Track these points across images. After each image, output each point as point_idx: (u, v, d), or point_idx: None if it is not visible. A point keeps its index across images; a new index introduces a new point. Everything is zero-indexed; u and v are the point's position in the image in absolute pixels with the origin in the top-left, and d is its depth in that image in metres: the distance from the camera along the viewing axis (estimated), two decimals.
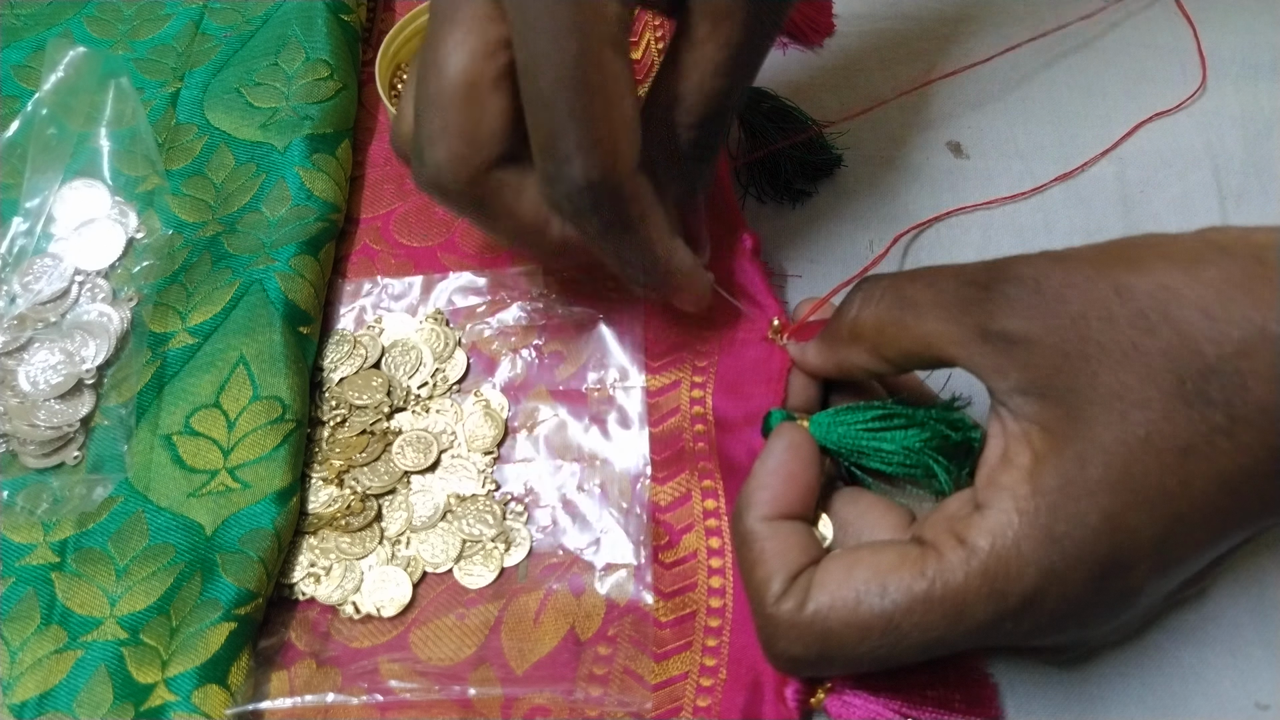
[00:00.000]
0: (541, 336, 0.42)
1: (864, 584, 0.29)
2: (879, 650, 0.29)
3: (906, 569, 0.29)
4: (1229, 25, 0.53)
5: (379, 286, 0.44)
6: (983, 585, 0.28)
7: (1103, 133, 0.49)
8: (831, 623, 0.29)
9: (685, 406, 0.39)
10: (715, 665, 0.34)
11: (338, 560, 0.37)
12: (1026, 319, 0.29)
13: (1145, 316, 0.28)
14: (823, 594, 0.29)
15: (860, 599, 0.29)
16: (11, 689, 0.33)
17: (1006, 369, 0.29)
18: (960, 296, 0.30)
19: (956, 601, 0.28)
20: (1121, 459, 0.27)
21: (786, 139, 0.47)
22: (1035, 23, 0.54)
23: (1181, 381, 0.27)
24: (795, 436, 0.34)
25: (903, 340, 0.31)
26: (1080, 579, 0.27)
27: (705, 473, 0.38)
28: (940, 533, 0.29)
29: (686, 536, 0.37)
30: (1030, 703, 0.35)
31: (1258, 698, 0.35)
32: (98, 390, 0.40)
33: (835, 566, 0.30)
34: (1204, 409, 0.27)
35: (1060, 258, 0.30)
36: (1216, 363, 0.27)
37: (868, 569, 0.29)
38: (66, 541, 0.37)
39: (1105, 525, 0.27)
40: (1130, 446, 0.27)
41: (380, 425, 0.40)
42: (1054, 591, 0.28)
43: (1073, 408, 0.28)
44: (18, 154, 0.45)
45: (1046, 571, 0.27)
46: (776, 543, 0.31)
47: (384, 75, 0.49)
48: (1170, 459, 0.27)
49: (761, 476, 0.33)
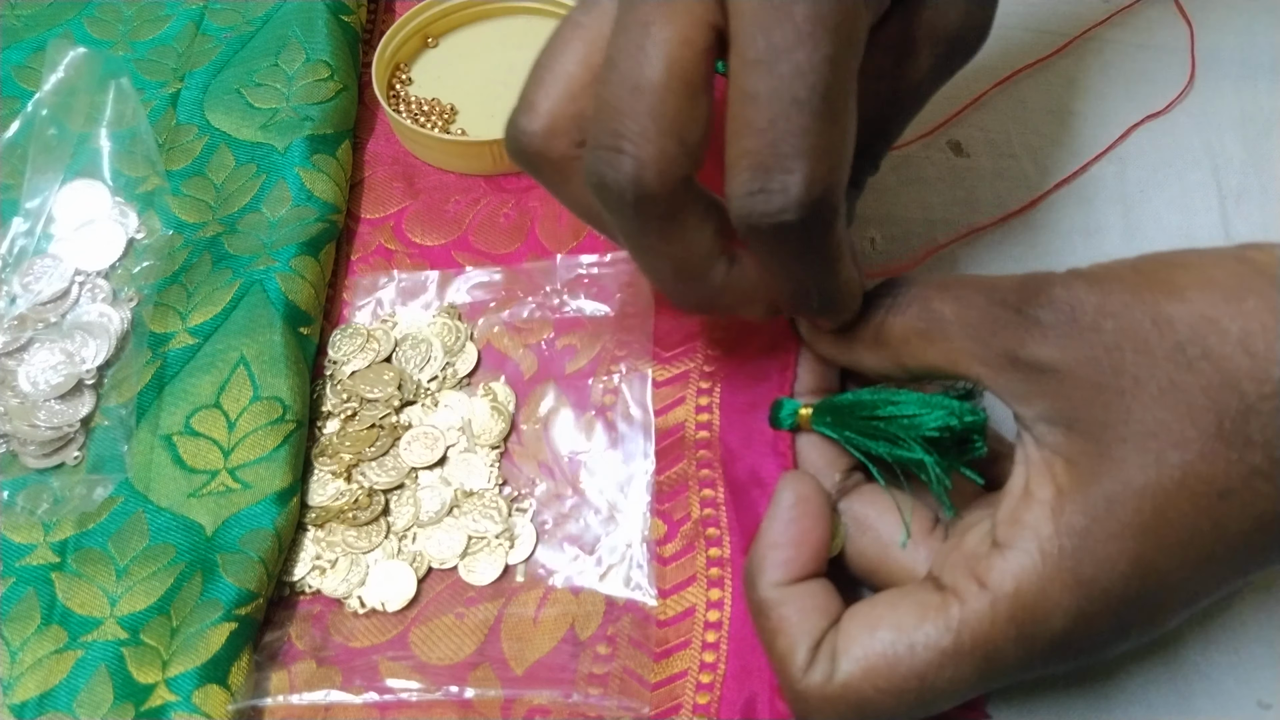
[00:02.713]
0: (554, 331, 0.42)
1: (890, 646, 0.28)
2: (915, 709, 0.28)
3: (930, 622, 0.28)
4: (1227, 25, 0.53)
5: (394, 281, 0.44)
6: (1010, 630, 0.27)
7: (1103, 133, 0.49)
8: (865, 691, 0.28)
9: (691, 396, 0.39)
10: (714, 661, 0.34)
11: (344, 554, 0.37)
12: (1058, 348, 0.28)
13: (1184, 351, 0.26)
14: (849, 662, 0.28)
15: (890, 663, 0.28)
16: (12, 689, 0.33)
17: (1033, 397, 0.28)
18: (990, 317, 0.29)
19: (986, 651, 0.27)
20: (1154, 502, 0.26)
21: None
22: (1034, 22, 0.54)
23: (1221, 421, 0.26)
24: (802, 489, 0.32)
25: (928, 355, 0.30)
26: (1108, 622, 0.27)
27: (703, 461, 0.38)
28: (960, 575, 0.28)
29: (683, 528, 0.37)
30: (1032, 701, 0.35)
31: (1260, 696, 0.35)
32: (98, 390, 0.40)
33: (856, 629, 0.29)
34: (1243, 450, 0.26)
35: (1096, 280, 0.28)
36: (1257, 402, 0.25)
37: (891, 629, 0.28)
38: (67, 541, 0.37)
39: (1135, 570, 0.26)
40: (1166, 489, 0.26)
41: (390, 419, 0.40)
42: (1081, 632, 0.27)
43: (1103, 443, 0.27)
44: (18, 154, 0.45)
45: (1075, 615, 0.27)
46: (794, 609, 0.30)
47: (381, 76, 0.49)
48: (1206, 502, 0.26)
49: (771, 536, 0.32)
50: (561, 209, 0.46)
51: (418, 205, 0.47)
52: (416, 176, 0.48)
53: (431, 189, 0.47)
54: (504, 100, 0.49)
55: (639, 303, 0.42)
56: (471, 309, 0.43)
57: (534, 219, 0.46)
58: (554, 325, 0.42)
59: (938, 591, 0.28)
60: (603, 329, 0.42)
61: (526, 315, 0.43)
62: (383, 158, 0.48)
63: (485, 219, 0.46)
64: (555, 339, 0.42)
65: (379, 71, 0.49)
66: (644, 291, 0.42)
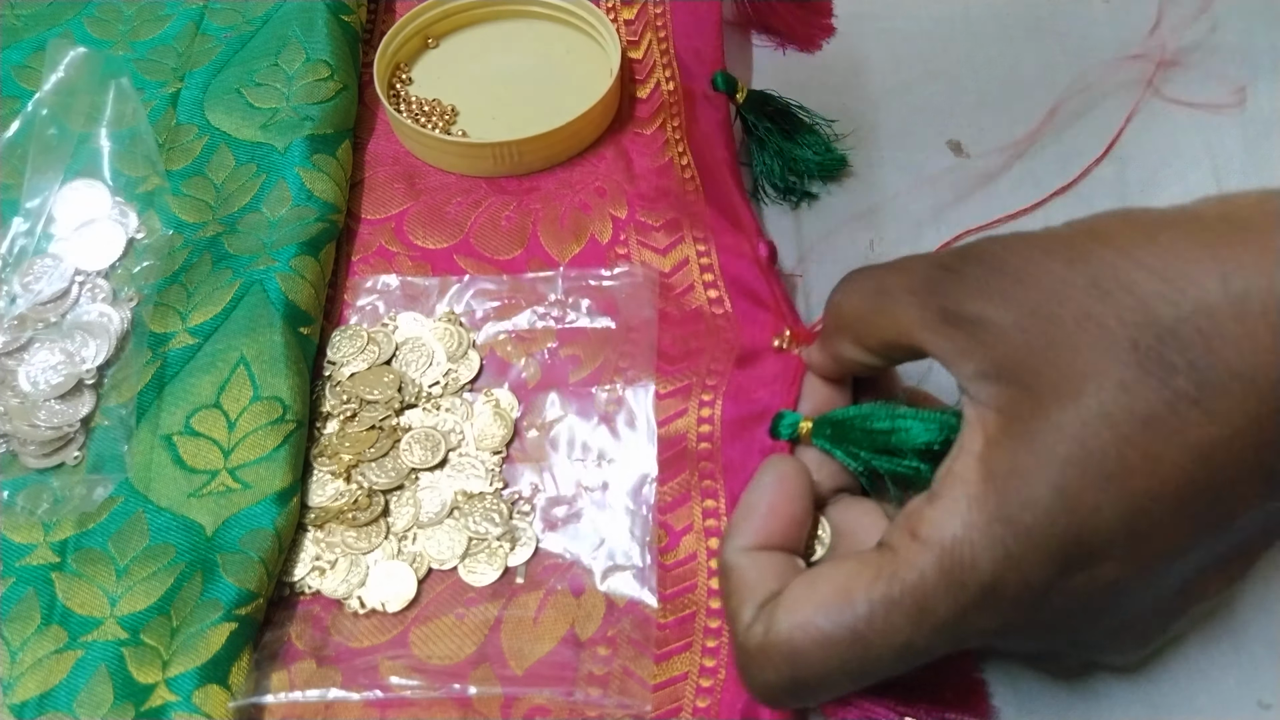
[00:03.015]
0: (557, 341, 0.42)
1: (826, 598, 0.28)
2: (849, 665, 0.28)
3: (866, 575, 0.28)
4: (1229, 25, 0.53)
5: (395, 284, 0.44)
6: (940, 578, 0.26)
7: (1103, 133, 0.49)
8: (798, 642, 0.28)
9: (694, 409, 0.39)
10: (715, 666, 0.34)
11: (343, 554, 0.37)
12: (985, 299, 0.28)
13: (1098, 284, 0.26)
14: (786, 614, 0.29)
15: (824, 613, 0.28)
16: (12, 689, 0.33)
17: (968, 353, 0.28)
18: (927, 280, 0.29)
19: (917, 599, 0.27)
20: (1075, 434, 0.25)
21: (792, 141, 0.47)
22: (1034, 23, 0.54)
23: (1135, 346, 0.25)
24: (784, 468, 0.33)
25: (880, 327, 0.31)
26: (1039, 562, 0.26)
27: (705, 472, 0.38)
28: (898, 532, 0.28)
29: (685, 538, 0.37)
30: (1033, 701, 0.35)
31: (1261, 696, 0.35)
32: (98, 390, 0.40)
33: (798, 585, 0.29)
34: (1165, 375, 0.25)
35: (1028, 236, 0.28)
36: (1174, 324, 0.25)
37: (828, 583, 0.28)
38: (67, 541, 0.37)
39: (1061, 504, 0.25)
40: (1085, 420, 0.25)
41: (390, 421, 0.40)
42: (1013, 578, 0.26)
43: (1026, 387, 0.27)
44: (18, 154, 0.45)
45: (1001, 558, 0.26)
46: (753, 573, 0.31)
47: (383, 75, 0.49)
48: (1129, 431, 0.25)
49: (744, 508, 0.32)
50: (562, 212, 0.46)
51: (419, 206, 0.46)
52: (417, 177, 0.48)
53: (432, 189, 0.47)
54: (504, 103, 0.49)
55: (643, 316, 0.42)
56: (473, 316, 0.43)
57: (535, 221, 0.46)
58: (557, 335, 0.42)
59: (877, 550, 0.29)
60: (606, 340, 0.42)
61: (529, 325, 0.42)
62: (383, 158, 0.48)
63: (487, 222, 0.46)
64: (559, 348, 0.42)
65: (380, 71, 0.49)
66: (648, 305, 0.42)
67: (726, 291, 0.42)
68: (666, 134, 0.48)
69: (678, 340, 0.41)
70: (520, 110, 0.49)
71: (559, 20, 0.52)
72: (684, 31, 0.51)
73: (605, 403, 0.40)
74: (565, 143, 0.47)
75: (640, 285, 0.43)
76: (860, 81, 0.52)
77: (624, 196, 0.46)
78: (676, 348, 0.41)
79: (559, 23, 0.52)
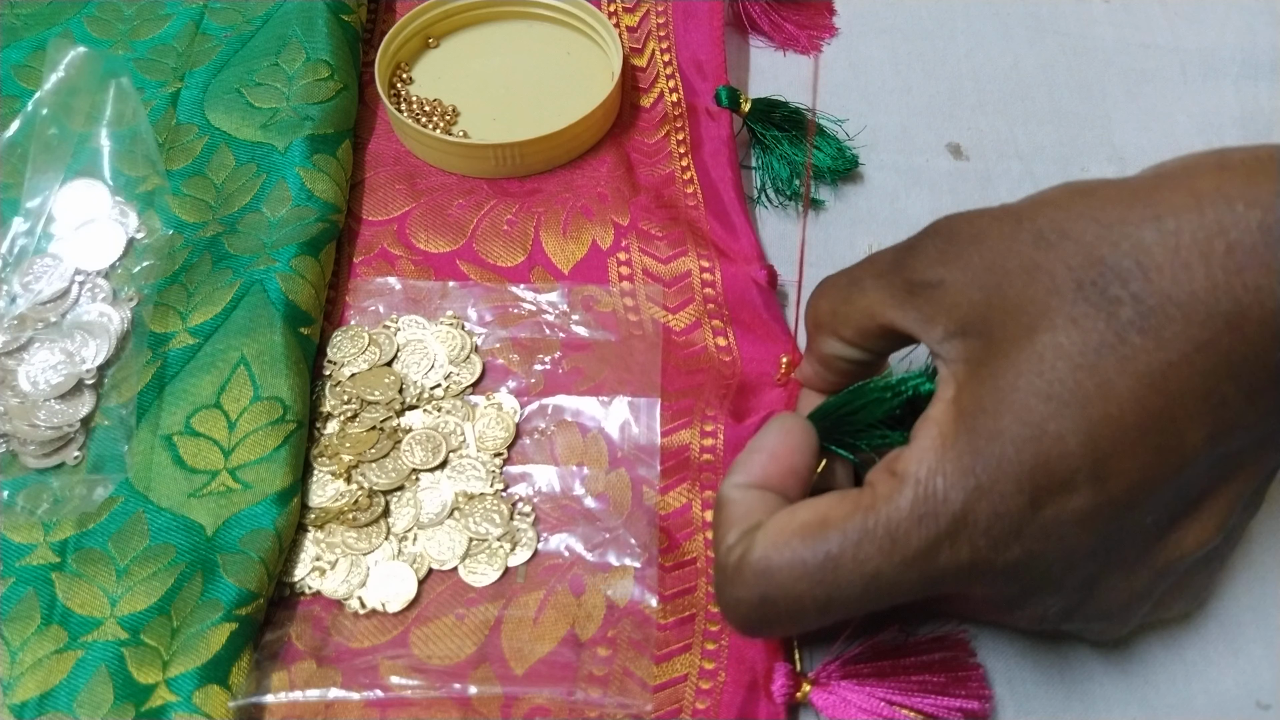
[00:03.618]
0: (560, 352, 0.42)
1: (803, 523, 0.29)
2: (818, 591, 0.29)
3: (844, 506, 0.29)
4: (1229, 25, 0.53)
5: (398, 287, 0.44)
6: (912, 510, 0.28)
7: (1103, 133, 0.49)
8: (772, 560, 0.29)
9: (697, 422, 0.40)
10: (715, 669, 0.34)
11: (344, 555, 0.37)
12: (943, 264, 0.30)
13: (1043, 236, 0.28)
14: (764, 536, 0.30)
15: (800, 537, 0.29)
16: (12, 689, 0.33)
17: (934, 317, 0.30)
18: (891, 261, 0.31)
19: (889, 529, 0.28)
20: (1033, 369, 0.27)
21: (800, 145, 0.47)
22: (1034, 23, 0.54)
23: (1080, 285, 0.27)
24: (791, 422, 0.34)
25: (853, 316, 0.32)
26: (1009, 491, 0.27)
27: (707, 483, 0.38)
28: (877, 471, 0.30)
29: (686, 541, 0.37)
30: (1031, 701, 0.35)
31: (1259, 696, 0.35)
32: (98, 390, 0.40)
33: (780, 514, 0.30)
34: (1109, 307, 0.27)
35: (982, 210, 0.30)
36: (1113, 261, 0.27)
37: (808, 510, 0.30)
38: (67, 541, 0.37)
39: (1025, 433, 0.27)
40: (1040, 355, 0.27)
41: (391, 422, 0.40)
42: (984, 508, 0.27)
43: (989, 337, 0.29)
44: (18, 154, 0.45)
45: (971, 489, 0.27)
46: (743, 507, 0.32)
47: (384, 75, 0.49)
48: (1081, 359, 0.27)
49: (748, 451, 0.34)
50: (565, 215, 0.46)
51: (420, 207, 0.46)
52: (418, 177, 0.48)
53: (433, 190, 0.47)
54: (506, 104, 0.49)
55: (647, 337, 0.42)
56: (476, 323, 0.43)
57: (538, 225, 0.46)
58: (560, 346, 0.42)
59: (858, 488, 0.30)
60: (609, 355, 0.42)
61: (532, 335, 0.42)
62: (384, 158, 0.48)
63: (489, 225, 0.46)
64: (562, 359, 0.42)
65: (382, 70, 0.49)
66: (650, 323, 0.42)
67: (729, 312, 0.42)
68: (670, 146, 0.48)
69: (680, 364, 0.41)
70: (521, 111, 0.49)
71: (560, 22, 0.52)
72: (686, 42, 0.51)
73: (608, 408, 0.40)
74: (567, 145, 0.47)
75: (644, 305, 0.43)
76: (860, 83, 0.52)
77: (626, 203, 0.46)
78: (679, 371, 0.41)
79: (560, 24, 0.52)
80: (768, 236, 0.46)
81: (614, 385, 0.41)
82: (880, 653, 0.34)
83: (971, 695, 0.33)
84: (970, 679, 0.33)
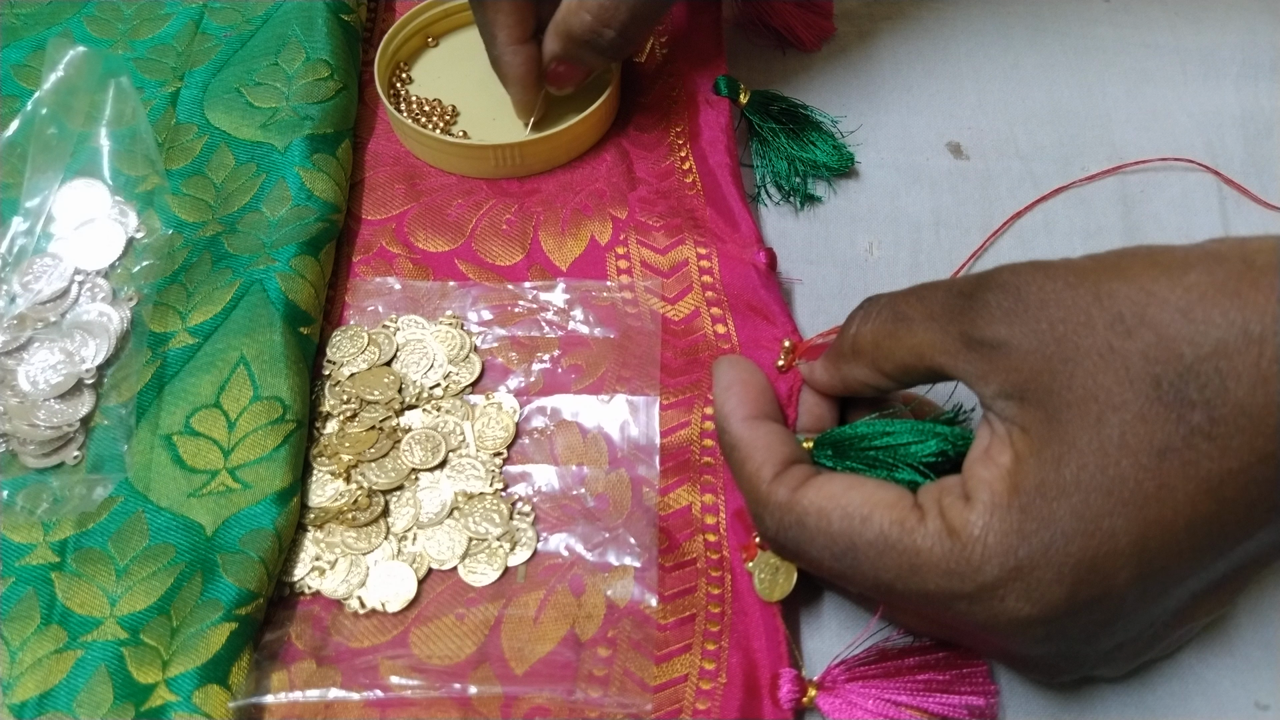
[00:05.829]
0: (559, 349, 0.42)
1: (853, 505, 0.31)
2: (836, 563, 0.31)
3: (892, 513, 0.30)
4: (1229, 25, 0.53)
5: (397, 287, 0.44)
6: (942, 562, 0.28)
7: (1103, 133, 0.49)
8: (810, 519, 0.31)
9: (696, 420, 0.40)
10: (715, 669, 0.34)
11: (343, 554, 0.37)
12: (1007, 325, 0.29)
13: (1123, 320, 0.27)
14: (817, 494, 0.32)
15: (843, 514, 0.31)
16: (11, 689, 0.33)
17: (990, 375, 0.30)
18: (947, 307, 0.31)
19: (914, 563, 0.29)
20: (1096, 461, 0.27)
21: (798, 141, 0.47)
22: (1034, 23, 0.54)
23: (1158, 383, 0.27)
24: (733, 357, 0.38)
25: (897, 353, 0.32)
26: (1048, 579, 0.27)
27: (707, 486, 0.38)
28: (930, 500, 0.30)
29: (686, 543, 0.37)
30: (1030, 703, 0.35)
31: (1258, 698, 0.35)
32: (98, 390, 0.40)
33: (839, 479, 0.32)
34: (1181, 410, 0.26)
35: (1046, 266, 0.30)
36: (1194, 363, 0.26)
37: (862, 495, 0.31)
38: (66, 541, 0.37)
39: (1078, 526, 0.27)
40: (1105, 448, 0.27)
41: (390, 422, 0.40)
42: (1016, 589, 0.28)
43: (1050, 410, 0.28)
44: (18, 154, 0.45)
45: (1010, 569, 0.28)
46: (763, 442, 0.34)
47: (383, 75, 0.49)
48: (1146, 460, 0.27)
49: (720, 391, 0.36)
50: (563, 214, 0.46)
51: (420, 207, 0.46)
52: (417, 177, 0.48)
53: (433, 190, 0.47)
54: (505, 104, 0.49)
55: (645, 330, 0.42)
56: (475, 322, 0.43)
57: (536, 225, 0.46)
58: (559, 344, 0.42)
59: (913, 497, 0.31)
60: (608, 351, 0.42)
61: (530, 333, 0.42)
62: (383, 158, 0.48)
63: (488, 225, 0.46)
64: (561, 357, 0.42)
65: (381, 70, 0.49)
66: (650, 318, 0.42)
67: (727, 298, 0.42)
68: (669, 138, 0.48)
69: (679, 354, 0.41)
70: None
71: None
72: (685, 35, 0.51)
73: (607, 408, 0.40)
74: (567, 145, 0.47)
75: (642, 298, 0.43)
76: (860, 82, 0.52)
77: (624, 198, 0.46)
78: (678, 361, 0.41)
79: None
80: (768, 235, 0.46)
81: (613, 380, 0.41)
82: (884, 654, 0.34)
83: (976, 691, 0.33)
84: (974, 675, 0.33)
